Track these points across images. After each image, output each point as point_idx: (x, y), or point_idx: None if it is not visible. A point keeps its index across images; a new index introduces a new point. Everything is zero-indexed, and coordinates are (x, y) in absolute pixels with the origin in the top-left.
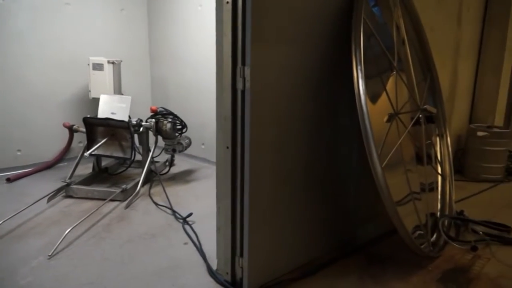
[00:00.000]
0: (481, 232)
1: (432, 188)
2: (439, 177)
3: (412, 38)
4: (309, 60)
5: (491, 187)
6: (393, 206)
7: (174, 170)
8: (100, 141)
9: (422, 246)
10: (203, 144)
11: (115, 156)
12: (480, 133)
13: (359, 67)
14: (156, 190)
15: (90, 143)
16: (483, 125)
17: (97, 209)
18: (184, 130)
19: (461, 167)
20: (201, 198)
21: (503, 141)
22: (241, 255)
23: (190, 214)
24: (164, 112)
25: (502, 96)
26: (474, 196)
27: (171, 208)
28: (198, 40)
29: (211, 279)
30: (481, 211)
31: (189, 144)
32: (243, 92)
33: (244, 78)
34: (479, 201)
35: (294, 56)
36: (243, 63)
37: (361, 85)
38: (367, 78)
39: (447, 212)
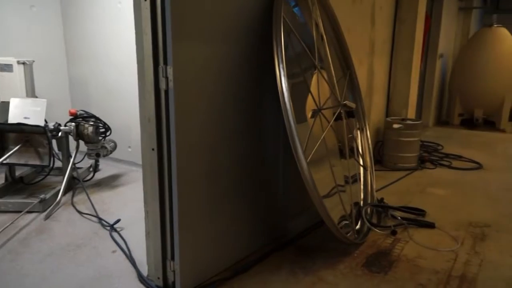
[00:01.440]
0: (399, 217)
1: (356, 179)
2: (361, 169)
3: (332, 38)
4: (235, 58)
5: (407, 174)
6: (319, 199)
7: (99, 175)
8: (12, 149)
9: (348, 235)
10: (129, 147)
11: (30, 164)
12: (395, 126)
13: (281, 66)
14: (80, 198)
15: (0, 152)
16: (398, 118)
17: (12, 223)
18: (108, 133)
19: (381, 157)
20: (129, 203)
21: (415, 132)
22: (172, 258)
23: (118, 221)
24: (85, 115)
25: (413, 90)
26: (393, 184)
27: (96, 216)
28: (120, 39)
29: (142, 286)
30: (399, 198)
31: (114, 147)
32: (166, 92)
33: (167, 78)
34: (397, 189)
35: (219, 54)
36: (165, 63)
37: (284, 83)
38: (291, 76)
39: (369, 201)
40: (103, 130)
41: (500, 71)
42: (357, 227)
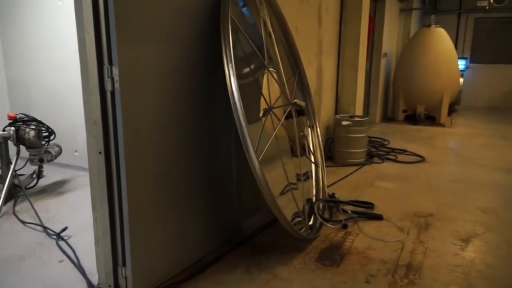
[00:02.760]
0: (349, 211)
1: (308, 176)
2: (313, 165)
3: (280, 37)
4: (183, 58)
5: (356, 169)
6: (272, 198)
7: (43, 182)
8: None
9: (301, 231)
10: (76, 151)
11: None
12: (344, 123)
13: (230, 65)
14: (23, 206)
15: None
16: (347, 115)
17: None
18: (52, 138)
19: (331, 154)
20: (77, 210)
21: (363, 128)
22: (124, 264)
23: (65, 229)
24: (26, 118)
25: (360, 88)
26: (343, 179)
27: (41, 225)
28: (62, 38)
29: None
30: (350, 192)
31: (60, 152)
32: (112, 93)
33: (112, 79)
34: (347, 183)
35: (167, 54)
36: (110, 63)
37: (233, 83)
38: (242, 76)
39: (321, 197)
40: (46, 134)
41: (439, 69)
42: (310, 222)
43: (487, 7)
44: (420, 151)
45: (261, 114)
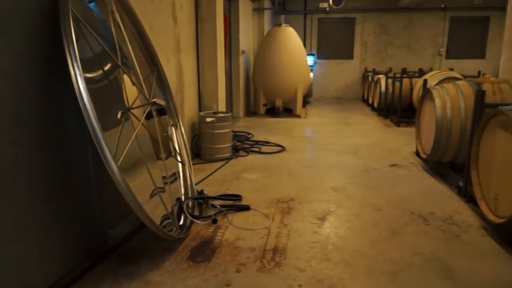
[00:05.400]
0: (218, 206)
1: (176, 177)
2: (180, 164)
3: (134, 35)
4: (27, 55)
5: (223, 164)
6: (136, 202)
7: None
8: None
9: (171, 232)
10: None
11: None
12: (208, 119)
13: (75, 64)
14: None
15: None
16: (210, 111)
17: None
18: None
19: (199, 151)
20: None
21: (227, 124)
22: None
23: None
24: None
25: (221, 85)
26: (211, 175)
27: None
28: None
29: None
30: (218, 187)
31: None
32: None
33: None
34: (216, 179)
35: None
36: None
37: (80, 84)
38: (94, 77)
39: (190, 195)
40: None
41: (291, 65)
42: (181, 222)
43: (328, 9)
44: (281, 141)
45: (119, 116)
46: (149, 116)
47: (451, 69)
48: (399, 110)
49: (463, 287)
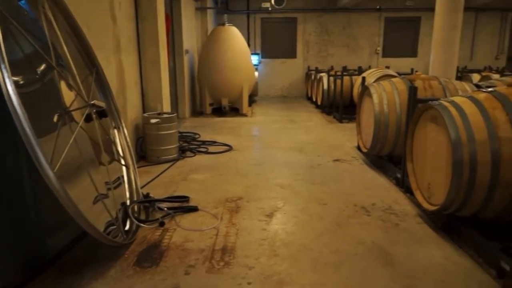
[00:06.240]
0: (165, 208)
1: (120, 182)
2: (124, 168)
3: (70, 35)
4: None
5: (170, 166)
6: (75, 209)
7: None
8: None
9: (116, 238)
10: None
11: None
12: (153, 120)
13: (2, 66)
14: None
15: None
16: (155, 112)
17: None
18: None
19: (144, 153)
20: None
21: (173, 125)
22: None
23: None
24: None
25: (165, 85)
26: (157, 177)
27: None
28: None
29: None
30: (165, 189)
31: None
32: None
33: None
34: (162, 181)
35: None
36: None
37: (9, 86)
38: (26, 79)
39: (135, 198)
40: None
41: (236, 64)
42: (126, 227)
43: (270, 9)
44: (228, 140)
45: (55, 120)
46: (88, 119)
47: (388, 67)
48: (341, 107)
49: (402, 271)
